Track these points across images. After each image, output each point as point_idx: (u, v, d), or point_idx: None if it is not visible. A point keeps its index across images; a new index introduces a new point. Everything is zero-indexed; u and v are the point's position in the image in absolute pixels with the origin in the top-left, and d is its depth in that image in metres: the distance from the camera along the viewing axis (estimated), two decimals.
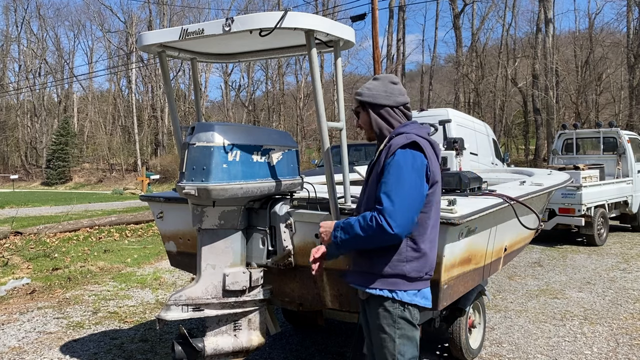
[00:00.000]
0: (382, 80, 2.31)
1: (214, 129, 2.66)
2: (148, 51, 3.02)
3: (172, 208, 3.52)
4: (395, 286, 2.11)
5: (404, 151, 2.08)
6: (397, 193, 2.01)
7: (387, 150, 2.14)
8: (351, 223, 2.10)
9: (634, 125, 24.25)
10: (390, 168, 2.06)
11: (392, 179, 2.04)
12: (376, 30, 17.46)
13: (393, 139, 2.17)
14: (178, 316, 2.77)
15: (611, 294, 5.84)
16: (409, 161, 2.06)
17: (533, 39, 31.76)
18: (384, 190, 2.04)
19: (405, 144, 2.09)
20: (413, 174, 2.05)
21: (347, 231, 2.11)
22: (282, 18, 2.40)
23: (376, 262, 2.13)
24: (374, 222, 2.01)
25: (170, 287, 6.37)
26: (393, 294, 2.10)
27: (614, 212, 10.12)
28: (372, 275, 2.15)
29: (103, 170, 47.49)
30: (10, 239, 9.95)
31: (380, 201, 2.03)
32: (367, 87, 2.31)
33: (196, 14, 47.13)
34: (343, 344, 4.29)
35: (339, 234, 2.14)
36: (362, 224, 2.05)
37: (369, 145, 12.45)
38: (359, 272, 2.22)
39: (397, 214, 1.99)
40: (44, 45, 53.29)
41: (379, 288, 2.12)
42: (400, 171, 2.04)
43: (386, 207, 1.99)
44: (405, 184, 2.03)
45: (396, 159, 2.07)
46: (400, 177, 2.03)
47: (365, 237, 2.05)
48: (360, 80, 43.28)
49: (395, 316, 2.11)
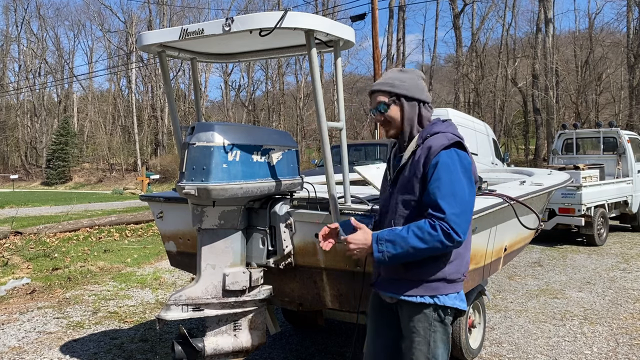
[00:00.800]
0: (411, 74, 2.16)
1: (214, 129, 2.66)
2: (148, 51, 3.02)
3: (172, 208, 3.52)
4: (437, 291, 2.01)
5: (449, 151, 1.96)
6: (455, 198, 1.90)
7: (425, 151, 1.99)
8: (402, 235, 1.91)
9: (634, 125, 24.25)
10: (439, 171, 1.93)
11: (445, 182, 1.91)
12: (376, 30, 17.46)
13: (428, 139, 2.03)
14: (178, 316, 2.76)
15: (611, 294, 5.84)
16: (456, 162, 1.95)
17: (533, 39, 31.77)
18: (440, 197, 1.90)
19: (449, 144, 1.97)
20: (464, 175, 1.95)
21: (398, 244, 1.91)
22: (282, 18, 2.40)
23: (411, 268, 2.01)
24: (440, 231, 1.86)
25: (170, 287, 6.37)
26: (435, 300, 2.01)
27: (614, 212, 10.12)
28: (410, 282, 2.03)
29: (103, 170, 47.49)
30: (10, 239, 9.95)
31: (439, 208, 1.88)
32: (399, 79, 2.12)
33: (196, 14, 47.19)
34: (343, 344, 4.29)
35: (385, 248, 1.92)
36: (421, 235, 1.88)
37: (369, 145, 12.43)
38: (394, 279, 2.08)
39: (461, 220, 1.88)
40: (44, 45, 53.32)
41: (420, 295, 2.01)
42: (451, 174, 1.93)
43: (450, 214, 1.87)
44: (460, 186, 1.92)
45: (444, 160, 1.94)
46: (453, 180, 1.92)
47: (426, 248, 1.89)
48: (360, 80, 43.37)
49: (432, 319, 2.02)
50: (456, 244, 1.90)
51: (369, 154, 11.63)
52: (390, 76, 2.16)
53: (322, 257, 2.94)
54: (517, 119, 37.85)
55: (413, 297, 2.02)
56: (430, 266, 1.99)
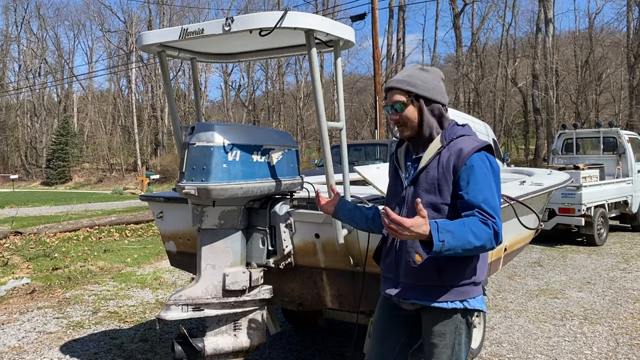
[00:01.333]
0: (433, 74, 2.09)
1: (214, 129, 2.66)
2: (148, 51, 3.02)
3: (172, 208, 3.52)
4: (467, 295, 1.99)
5: (481, 154, 1.95)
6: (495, 200, 1.91)
7: (455, 153, 1.96)
8: (460, 227, 1.82)
9: (634, 125, 24.25)
10: (476, 174, 1.92)
11: (485, 185, 1.91)
12: (376, 30, 17.46)
13: (455, 140, 2.00)
14: (178, 316, 2.76)
15: (611, 294, 5.84)
16: (488, 166, 1.95)
17: (533, 39, 31.77)
18: (483, 198, 1.89)
19: (481, 147, 1.96)
20: (497, 179, 1.97)
21: (457, 236, 1.80)
22: (282, 18, 2.40)
23: (445, 273, 1.96)
24: (492, 230, 1.86)
25: (170, 287, 6.37)
26: (465, 304, 1.98)
27: (614, 212, 10.12)
28: (441, 287, 1.98)
29: (103, 170, 47.48)
30: (10, 239, 9.95)
31: (485, 210, 1.88)
32: (420, 79, 2.05)
33: (196, 13, 47.19)
34: (343, 344, 4.29)
35: (445, 238, 1.77)
36: (477, 231, 1.83)
37: (369, 145, 12.43)
38: (419, 286, 2.01)
39: (500, 222, 1.90)
40: (44, 45, 53.32)
41: (451, 300, 1.97)
42: (487, 177, 1.93)
43: (496, 216, 1.89)
44: (495, 190, 1.94)
45: (478, 164, 1.93)
46: (490, 184, 1.93)
47: (478, 246, 1.84)
48: (360, 80, 43.38)
49: (458, 322, 2.00)
50: (498, 245, 1.91)
51: (369, 154, 11.63)
52: (411, 74, 2.07)
53: (322, 257, 2.94)
54: (517, 119, 37.85)
55: (444, 304, 1.98)
56: (463, 270, 1.97)
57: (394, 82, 2.06)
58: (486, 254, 2.06)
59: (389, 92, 2.08)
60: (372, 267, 2.63)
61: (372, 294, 2.81)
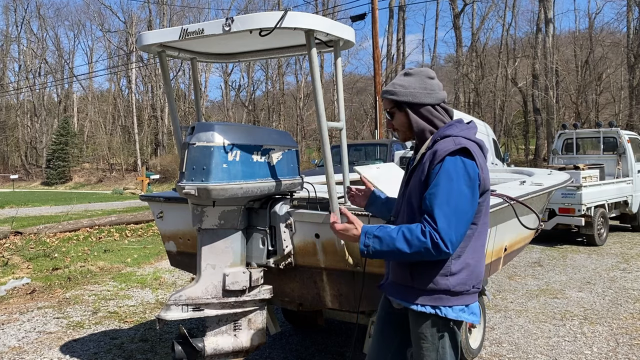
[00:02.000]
0: (417, 75, 2.07)
1: (214, 129, 2.66)
2: (148, 51, 3.02)
3: (172, 208, 3.52)
4: (439, 302, 1.94)
5: (454, 159, 1.87)
6: (450, 208, 1.83)
7: (431, 156, 1.93)
8: (391, 235, 1.87)
9: (634, 125, 24.25)
10: (440, 178, 1.87)
11: (442, 191, 1.85)
12: (376, 30, 17.47)
13: (438, 142, 1.96)
14: (178, 316, 2.77)
15: (611, 294, 5.84)
16: (460, 171, 1.86)
17: (533, 39, 31.77)
18: (435, 204, 1.84)
19: (455, 150, 1.88)
20: (465, 185, 1.86)
21: (385, 242, 1.87)
22: (282, 18, 2.40)
23: (416, 276, 1.96)
24: (429, 239, 1.81)
25: (170, 287, 6.37)
26: (437, 310, 1.95)
27: (614, 212, 10.11)
28: (412, 289, 1.99)
29: (103, 170, 47.48)
30: (10, 239, 9.95)
31: (433, 217, 1.83)
32: (401, 85, 2.06)
33: (196, 13, 47.19)
34: (343, 344, 4.29)
35: (371, 243, 1.89)
36: (410, 238, 1.84)
37: (369, 145, 12.45)
38: (398, 284, 2.06)
39: (452, 232, 1.82)
40: (44, 45, 53.33)
41: (421, 304, 1.97)
42: (451, 183, 1.85)
43: (441, 225, 1.81)
44: (457, 197, 1.84)
45: (445, 167, 1.87)
46: (451, 190, 1.85)
47: (411, 253, 1.84)
48: (360, 80, 43.39)
49: (440, 326, 1.98)
50: (443, 255, 1.85)
51: (369, 154, 11.65)
52: (395, 81, 2.10)
53: (322, 257, 2.94)
54: (517, 119, 37.85)
55: (415, 306, 1.98)
56: (432, 276, 1.94)
57: (383, 93, 2.11)
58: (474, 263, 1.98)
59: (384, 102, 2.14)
60: (372, 267, 2.64)
61: (372, 294, 2.81)
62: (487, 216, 2.04)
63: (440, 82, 2.12)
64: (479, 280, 2.01)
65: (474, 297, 2.01)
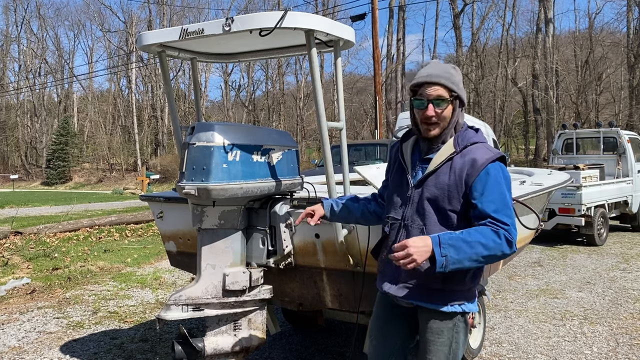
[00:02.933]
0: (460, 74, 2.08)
1: (214, 129, 2.66)
2: (148, 51, 3.02)
3: (172, 208, 3.52)
4: (466, 299, 2.03)
5: (496, 165, 1.96)
6: (508, 210, 1.93)
7: (469, 163, 1.95)
8: (465, 239, 1.83)
9: (634, 125, 24.25)
10: (491, 185, 1.93)
11: (498, 196, 1.93)
12: (376, 30, 17.46)
13: (468, 147, 1.99)
14: (178, 316, 2.77)
15: (611, 294, 5.84)
16: (502, 176, 1.96)
17: (533, 39, 31.77)
18: (498, 208, 1.90)
19: (496, 158, 1.97)
20: (507, 190, 1.97)
21: (461, 249, 1.82)
22: (282, 18, 2.40)
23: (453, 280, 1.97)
24: (504, 239, 1.86)
25: (170, 287, 6.37)
26: (463, 307, 2.02)
27: (614, 212, 10.12)
28: (441, 291, 1.99)
29: (103, 170, 47.47)
30: (10, 239, 9.95)
31: (499, 219, 1.88)
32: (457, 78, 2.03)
33: (196, 13, 47.18)
34: (343, 344, 4.29)
35: (448, 252, 1.81)
36: (485, 241, 1.84)
37: (369, 145, 12.43)
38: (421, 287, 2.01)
39: (515, 230, 1.90)
40: (44, 45, 53.32)
41: (451, 304, 2.00)
42: (501, 187, 1.94)
43: (511, 225, 1.89)
44: (509, 200, 1.96)
45: (493, 174, 1.94)
46: (503, 194, 1.94)
47: (488, 255, 1.85)
48: (360, 80, 43.39)
49: (456, 321, 2.03)
50: (510, 253, 1.91)
51: (369, 154, 11.64)
52: (449, 71, 2.02)
53: (322, 257, 2.94)
54: (517, 119, 37.85)
55: (444, 307, 2.00)
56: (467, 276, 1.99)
57: (435, 77, 1.96)
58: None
59: (428, 86, 1.97)
60: (372, 267, 2.63)
61: (372, 294, 2.80)
62: None
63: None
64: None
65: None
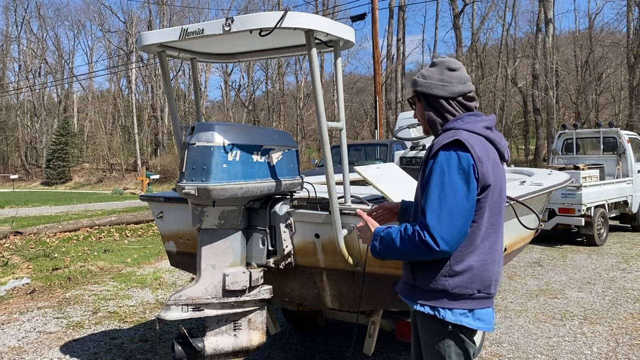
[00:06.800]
0: (439, 66, 2.00)
1: (214, 129, 2.66)
2: (148, 51, 3.02)
3: (172, 208, 3.52)
4: (438, 303, 1.88)
5: (447, 152, 1.81)
6: (441, 203, 1.76)
7: (428, 151, 1.89)
8: (392, 235, 1.87)
9: (634, 125, 24.25)
10: (433, 172, 1.81)
11: (434, 185, 1.79)
12: (376, 30, 17.47)
13: (439, 136, 1.92)
14: (178, 316, 2.77)
15: (611, 294, 5.84)
16: (452, 164, 1.79)
17: (533, 39, 31.76)
18: (427, 201, 1.79)
19: (448, 143, 1.82)
20: (458, 178, 1.78)
21: (386, 243, 1.88)
22: (282, 18, 2.40)
23: (418, 275, 1.93)
24: (417, 237, 1.78)
25: (170, 287, 6.37)
26: (435, 312, 1.88)
27: (614, 212, 10.12)
28: (415, 288, 1.95)
29: (103, 170, 47.46)
30: (10, 239, 9.94)
31: (423, 213, 1.79)
32: (423, 75, 2.01)
33: (196, 14, 47.20)
34: (343, 344, 4.29)
35: (377, 244, 1.92)
36: (404, 237, 1.82)
37: (369, 145, 12.45)
38: (405, 283, 2.04)
39: (442, 228, 1.75)
40: (44, 45, 53.32)
41: (421, 304, 1.92)
42: (442, 176, 1.79)
43: (429, 221, 1.76)
44: (449, 191, 1.77)
45: (438, 161, 1.81)
46: (443, 184, 1.78)
47: (407, 252, 1.83)
48: (360, 80, 43.41)
49: (442, 332, 1.90)
50: (438, 254, 1.78)
51: (369, 154, 11.65)
52: (421, 71, 2.05)
53: (322, 257, 2.94)
54: (517, 119, 37.85)
55: (416, 305, 1.94)
56: (432, 276, 1.88)
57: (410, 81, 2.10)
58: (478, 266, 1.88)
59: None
60: (372, 267, 2.64)
61: (372, 294, 2.81)
62: (499, 216, 1.93)
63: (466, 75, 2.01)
64: (486, 285, 1.90)
65: (483, 303, 1.90)
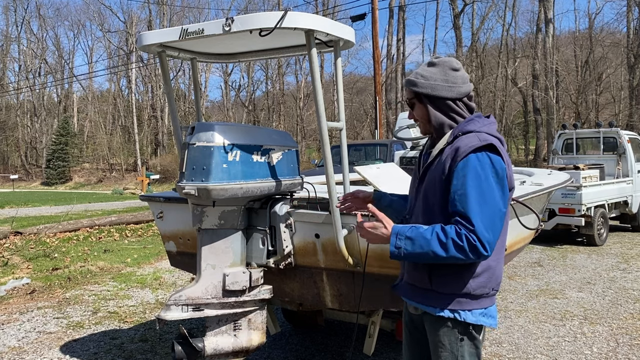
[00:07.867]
0: (440, 66, 1.97)
1: (214, 129, 2.66)
2: (148, 51, 3.02)
3: (172, 208, 3.52)
4: (459, 306, 1.85)
5: (480, 155, 1.77)
6: (483, 207, 1.73)
7: (453, 152, 1.83)
8: (425, 235, 1.76)
9: (634, 125, 24.26)
10: (467, 177, 1.76)
11: (473, 190, 1.74)
12: (376, 30, 17.47)
13: (459, 138, 1.86)
14: (178, 316, 2.76)
15: (611, 294, 5.84)
16: (487, 167, 1.76)
17: (533, 39, 31.77)
18: (468, 205, 1.74)
19: (481, 147, 1.78)
20: (495, 182, 1.76)
21: (417, 243, 1.76)
22: (282, 18, 2.40)
23: (435, 279, 1.87)
24: (466, 242, 1.71)
25: (170, 287, 6.37)
26: (455, 314, 1.85)
27: (614, 212, 10.12)
28: (430, 292, 1.89)
29: (103, 170, 47.45)
30: (10, 239, 9.95)
31: (467, 218, 1.73)
32: (423, 76, 1.96)
33: (196, 14, 47.20)
34: (343, 344, 4.29)
35: (403, 244, 1.78)
36: (445, 241, 1.73)
37: (369, 145, 12.46)
38: (414, 286, 1.96)
39: (489, 232, 1.72)
40: (44, 45, 53.31)
41: (440, 308, 1.86)
42: (480, 181, 1.75)
43: (478, 227, 1.71)
44: (491, 195, 1.75)
45: (472, 165, 1.76)
46: (482, 189, 1.75)
47: (447, 256, 1.74)
48: (360, 80, 43.41)
49: (458, 333, 1.87)
50: (482, 258, 1.76)
51: (369, 154, 11.66)
52: (418, 71, 2.01)
53: (322, 257, 2.94)
54: (517, 119, 37.85)
55: (433, 309, 1.89)
56: (453, 279, 1.85)
57: (405, 80, 2.02)
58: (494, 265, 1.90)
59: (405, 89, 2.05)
60: (372, 267, 2.64)
61: (372, 294, 2.81)
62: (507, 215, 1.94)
63: (467, 74, 2.00)
64: (498, 282, 1.93)
65: (492, 300, 1.93)
